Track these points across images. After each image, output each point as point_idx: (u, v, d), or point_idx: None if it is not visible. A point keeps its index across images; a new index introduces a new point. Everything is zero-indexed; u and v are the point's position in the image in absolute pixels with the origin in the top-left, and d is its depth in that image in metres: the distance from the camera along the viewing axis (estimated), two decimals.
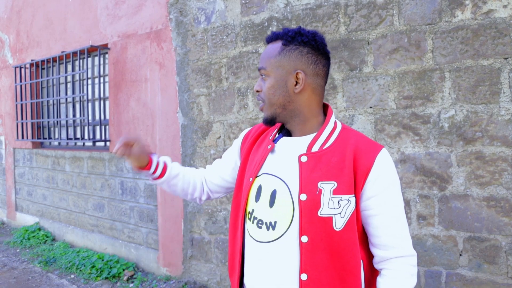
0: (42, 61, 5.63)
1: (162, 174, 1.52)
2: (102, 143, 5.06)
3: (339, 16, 2.94)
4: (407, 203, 2.73)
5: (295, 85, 1.27)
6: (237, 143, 1.55)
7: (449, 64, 2.56)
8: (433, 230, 2.66)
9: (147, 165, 1.49)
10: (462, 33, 2.51)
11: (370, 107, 2.84)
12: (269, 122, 1.33)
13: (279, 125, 1.40)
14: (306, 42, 1.26)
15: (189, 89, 3.88)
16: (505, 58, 2.40)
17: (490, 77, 2.44)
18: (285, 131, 1.38)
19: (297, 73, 1.26)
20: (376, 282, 1.31)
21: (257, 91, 1.33)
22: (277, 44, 1.29)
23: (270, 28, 3.29)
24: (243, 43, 3.47)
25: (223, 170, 1.57)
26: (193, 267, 3.95)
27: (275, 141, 1.36)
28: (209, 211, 3.78)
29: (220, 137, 3.67)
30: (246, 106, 3.48)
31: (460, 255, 2.58)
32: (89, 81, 5.09)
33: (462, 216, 2.56)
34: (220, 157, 1.95)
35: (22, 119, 5.92)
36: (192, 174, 1.61)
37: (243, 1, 3.45)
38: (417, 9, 2.65)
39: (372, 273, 1.35)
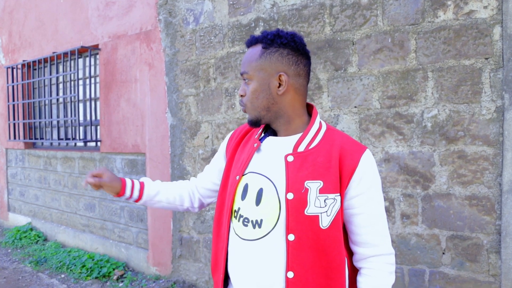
0: (34, 62, 5.65)
1: (140, 195, 1.58)
2: (93, 143, 5.07)
3: (325, 16, 2.96)
4: (391, 202, 2.75)
5: (278, 87, 1.28)
6: (223, 145, 1.56)
7: (432, 64, 2.58)
8: (417, 229, 2.68)
9: (121, 191, 1.55)
10: (444, 33, 2.53)
11: (355, 107, 2.86)
12: (254, 124, 1.34)
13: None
14: (286, 43, 1.28)
15: (178, 90, 3.90)
16: (486, 58, 2.42)
17: (471, 77, 2.47)
18: (270, 131, 1.39)
19: (279, 75, 1.27)
20: (357, 280, 1.33)
21: (241, 95, 1.33)
22: (257, 48, 1.30)
23: (257, 28, 3.31)
24: (231, 43, 3.49)
25: (213, 173, 1.59)
26: (182, 266, 3.96)
27: (261, 140, 1.37)
28: None
29: (208, 137, 3.69)
30: (233, 106, 3.50)
31: (443, 253, 2.60)
32: (80, 82, 5.10)
33: (445, 215, 2.58)
34: (207, 158, 1.93)
35: (14, 119, 5.92)
36: (178, 187, 1.65)
37: (231, 2, 3.47)
38: (400, 10, 2.67)
39: (354, 271, 1.37)
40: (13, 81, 5.94)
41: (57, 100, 5.62)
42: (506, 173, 2.37)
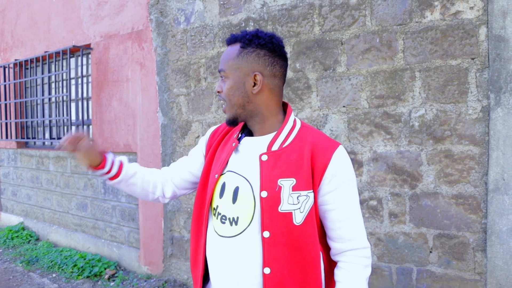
0: (26, 61, 5.63)
1: (118, 173, 1.49)
2: None
3: (314, 16, 2.98)
4: (379, 201, 2.77)
5: (253, 86, 1.31)
6: (204, 140, 1.57)
7: (419, 64, 2.60)
8: (404, 227, 2.70)
9: (101, 163, 1.45)
10: (431, 33, 2.55)
11: (343, 106, 2.88)
12: (232, 122, 1.37)
13: (242, 124, 1.45)
14: (263, 44, 1.31)
15: (169, 89, 3.91)
16: (472, 58, 2.44)
17: (458, 76, 2.49)
18: (247, 131, 1.42)
19: (255, 75, 1.30)
20: (334, 273, 1.37)
21: (218, 91, 1.37)
22: (236, 47, 1.34)
23: (248, 28, 3.32)
24: (221, 43, 3.49)
25: (193, 164, 1.57)
26: (173, 265, 3.97)
27: (239, 140, 1.41)
28: (188, 209, 3.80)
29: (199, 136, 3.70)
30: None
31: (430, 252, 2.62)
32: (72, 81, 5.09)
33: (432, 214, 2.60)
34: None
35: (6, 119, 5.90)
36: (151, 173, 1.58)
37: (221, 2, 3.48)
38: (388, 10, 2.69)
39: (331, 265, 1.40)
40: (5, 80, 5.92)
41: (49, 99, 5.61)
42: (491, 172, 2.39)
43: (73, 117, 5.08)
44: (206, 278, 1.47)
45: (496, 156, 2.37)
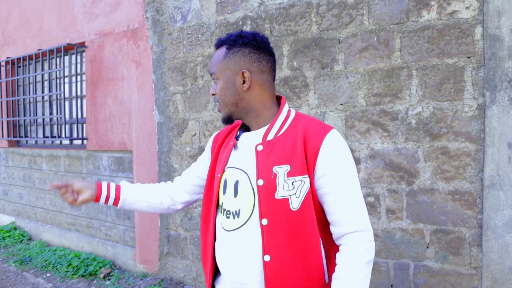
0: (18, 59, 5.58)
1: (117, 194, 1.64)
2: (79, 141, 5.04)
3: (311, 15, 3.00)
4: (376, 197, 2.81)
5: (243, 83, 1.37)
6: (208, 145, 1.65)
7: (416, 63, 2.64)
8: (402, 223, 2.74)
9: (97, 189, 1.61)
10: (428, 32, 2.60)
11: (341, 104, 2.91)
12: (227, 121, 1.44)
13: (240, 123, 1.52)
14: (247, 43, 1.37)
15: (165, 87, 3.91)
16: (468, 57, 2.49)
17: (454, 75, 2.53)
18: (244, 127, 1.49)
19: (242, 72, 1.36)
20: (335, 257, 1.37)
21: (212, 94, 1.44)
22: (223, 49, 1.41)
23: (245, 27, 3.34)
24: None
25: (200, 169, 1.65)
26: (170, 263, 3.97)
27: (237, 138, 1.47)
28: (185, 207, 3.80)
29: (195, 134, 3.71)
30: None
31: (427, 247, 2.66)
32: (66, 79, 5.07)
33: (429, 210, 2.64)
34: (195, 155, 1.92)
35: None
36: (156, 187, 1.71)
37: (219, 0, 3.49)
38: (385, 9, 2.72)
39: (329, 250, 1.40)
40: None
41: (43, 97, 5.57)
42: (487, 169, 2.44)
43: (67, 116, 5.05)
44: (216, 274, 1.52)
45: (492, 153, 2.42)
